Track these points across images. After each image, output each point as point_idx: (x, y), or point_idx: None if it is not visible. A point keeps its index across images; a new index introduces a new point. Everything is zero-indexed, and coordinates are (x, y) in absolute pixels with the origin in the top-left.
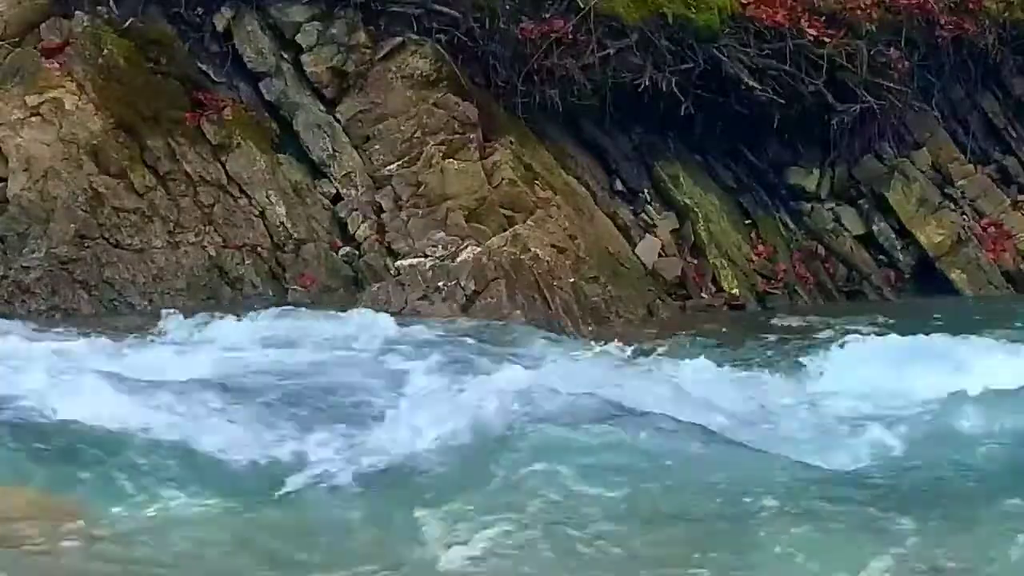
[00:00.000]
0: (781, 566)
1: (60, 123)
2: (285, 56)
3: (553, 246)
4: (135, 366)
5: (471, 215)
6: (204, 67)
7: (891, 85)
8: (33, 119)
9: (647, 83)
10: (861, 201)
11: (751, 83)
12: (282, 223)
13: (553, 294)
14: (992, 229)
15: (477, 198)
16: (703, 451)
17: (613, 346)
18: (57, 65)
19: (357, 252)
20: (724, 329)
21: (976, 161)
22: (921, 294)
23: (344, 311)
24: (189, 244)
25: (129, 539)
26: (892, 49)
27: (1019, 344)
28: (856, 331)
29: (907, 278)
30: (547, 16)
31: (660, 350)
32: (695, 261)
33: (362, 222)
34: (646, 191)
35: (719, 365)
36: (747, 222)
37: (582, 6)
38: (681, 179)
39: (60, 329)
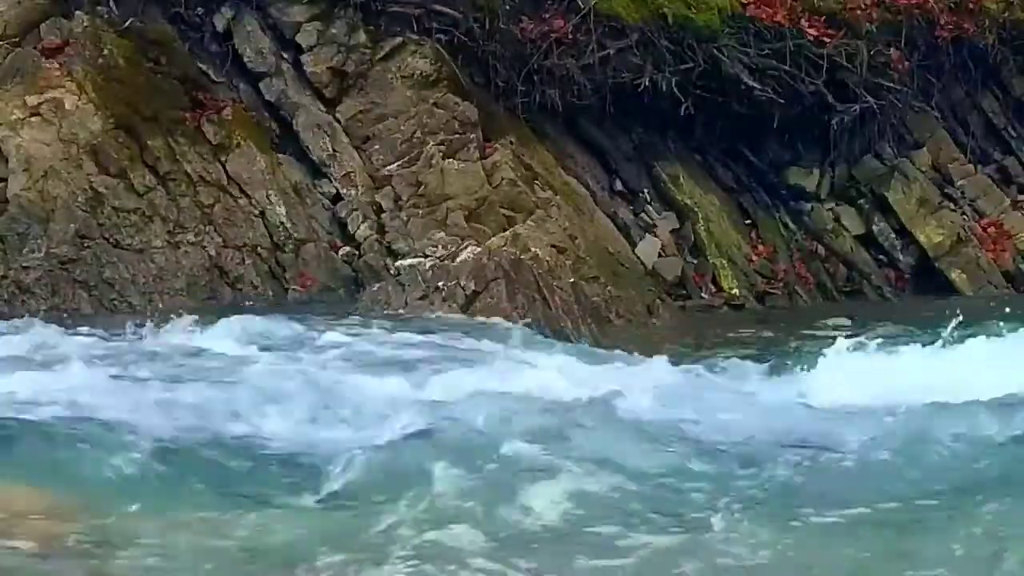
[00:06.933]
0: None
1: (60, 123)
2: (285, 56)
3: (553, 246)
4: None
5: (471, 215)
6: (204, 67)
7: (891, 85)
8: (33, 119)
9: (647, 83)
10: (861, 201)
11: (751, 83)
12: (282, 223)
13: (553, 294)
14: (992, 229)
15: (477, 198)
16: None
17: None
18: (57, 65)
19: (357, 252)
20: None
21: (976, 161)
22: (921, 294)
23: None
24: (189, 244)
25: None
26: (892, 49)
27: None
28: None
29: (907, 278)
30: (547, 16)
31: None
32: (695, 261)
33: (362, 222)
34: (646, 191)
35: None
36: (747, 222)
37: (582, 6)
38: (681, 179)
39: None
